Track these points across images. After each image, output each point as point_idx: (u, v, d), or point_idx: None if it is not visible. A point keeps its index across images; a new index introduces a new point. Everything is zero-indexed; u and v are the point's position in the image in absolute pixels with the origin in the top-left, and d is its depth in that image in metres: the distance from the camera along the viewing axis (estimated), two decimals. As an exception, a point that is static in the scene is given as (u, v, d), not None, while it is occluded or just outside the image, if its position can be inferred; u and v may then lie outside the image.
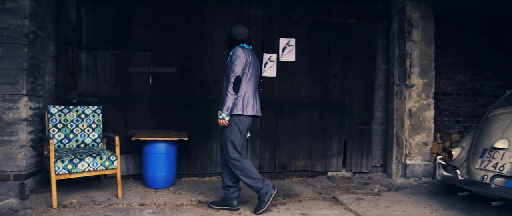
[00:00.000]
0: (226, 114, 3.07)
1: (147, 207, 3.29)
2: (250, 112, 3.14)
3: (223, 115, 3.07)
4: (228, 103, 3.05)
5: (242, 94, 3.11)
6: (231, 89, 3.04)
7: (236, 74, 3.04)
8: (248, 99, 3.13)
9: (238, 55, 3.09)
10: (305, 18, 4.67)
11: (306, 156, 4.70)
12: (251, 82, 3.18)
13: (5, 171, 3.39)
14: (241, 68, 3.06)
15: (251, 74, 3.17)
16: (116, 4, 4.19)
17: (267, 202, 3.13)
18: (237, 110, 3.09)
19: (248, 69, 3.13)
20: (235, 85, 3.04)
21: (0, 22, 3.39)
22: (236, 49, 3.15)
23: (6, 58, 3.39)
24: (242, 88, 3.11)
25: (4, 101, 3.40)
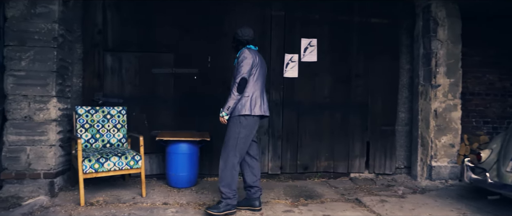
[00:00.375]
0: (226, 113, 3.09)
1: (171, 206, 3.34)
2: (258, 112, 3.13)
3: (223, 113, 3.09)
4: (230, 103, 3.06)
5: (249, 95, 3.11)
6: (235, 89, 3.04)
7: (242, 75, 3.05)
8: (255, 99, 3.13)
9: (245, 56, 3.09)
10: (327, 18, 4.64)
11: (328, 157, 4.66)
12: (259, 82, 3.17)
13: (36, 169, 3.52)
14: (247, 69, 3.06)
15: (258, 75, 3.16)
16: (139, 7, 4.29)
17: (222, 212, 3.08)
18: (245, 110, 3.08)
19: (255, 70, 3.13)
20: (240, 86, 3.04)
21: (31, 27, 3.52)
22: (243, 51, 3.15)
23: (37, 61, 3.53)
24: (249, 88, 3.11)
25: (35, 102, 3.53)
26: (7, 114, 3.51)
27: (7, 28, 3.49)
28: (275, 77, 4.56)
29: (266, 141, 4.55)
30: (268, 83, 4.52)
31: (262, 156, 4.55)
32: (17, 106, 3.51)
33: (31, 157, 3.52)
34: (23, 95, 3.52)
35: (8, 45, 3.49)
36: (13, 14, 3.49)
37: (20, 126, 3.51)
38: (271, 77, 4.54)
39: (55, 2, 3.57)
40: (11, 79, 3.50)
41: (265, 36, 4.53)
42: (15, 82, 3.50)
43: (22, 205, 3.17)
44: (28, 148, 3.52)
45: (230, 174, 3.10)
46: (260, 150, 4.54)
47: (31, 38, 3.52)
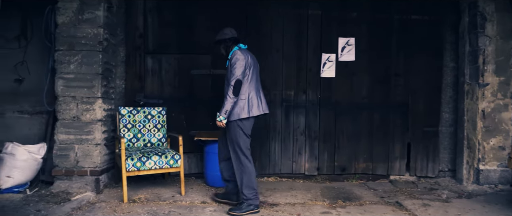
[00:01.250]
0: (224, 117, 3.08)
1: (209, 205, 3.40)
2: (256, 112, 3.15)
3: (221, 117, 3.08)
4: (227, 107, 3.05)
5: (246, 96, 3.12)
6: (231, 92, 3.03)
7: (237, 78, 3.04)
8: (252, 100, 3.14)
9: (237, 58, 3.08)
10: (365, 16, 4.53)
11: (366, 158, 4.55)
12: (253, 82, 3.17)
13: (83, 167, 3.72)
14: (241, 71, 3.05)
15: (252, 75, 3.16)
16: (178, 10, 4.41)
17: (244, 212, 3.10)
18: (244, 113, 3.10)
19: (249, 71, 3.13)
20: (235, 89, 3.04)
21: (79, 32, 3.72)
22: (235, 52, 3.14)
23: (84, 64, 3.72)
24: (245, 90, 3.11)
25: (82, 103, 3.73)
26: (57, 114, 3.73)
27: (57, 33, 3.72)
28: (312, 77, 4.51)
29: (303, 142, 4.52)
30: (304, 83, 4.50)
31: (299, 157, 4.52)
32: (66, 107, 3.73)
33: (79, 155, 3.72)
34: (72, 96, 3.73)
35: (58, 49, 3.71)
36: (63, 21, 3.70)
37: (69, 125, 3.73)
38: (307, 77, 4.51)
39: (100, 8, 3.75)
40: (61, 82, 3.72)
41: (302, 36, 4.50)
42: (64, 85, 3.71)
43: (71, 200, 3.36)
44: (76, 147, 3.73)
45: (248, 177, 3.14)
46: (297, 150, 4.52)
47: (79, 43, 3.72)
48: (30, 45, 4.21)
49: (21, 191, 3.62)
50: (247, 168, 3.15)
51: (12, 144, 3.68)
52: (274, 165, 4.50)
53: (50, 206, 3.20)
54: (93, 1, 3.72)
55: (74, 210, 3.14)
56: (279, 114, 4.51)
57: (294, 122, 4.52)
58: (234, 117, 3.10)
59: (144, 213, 3.13)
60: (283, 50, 4.50)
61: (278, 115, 4.50)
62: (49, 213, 3.02)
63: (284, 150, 4.51)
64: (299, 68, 4.51)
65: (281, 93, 4.49)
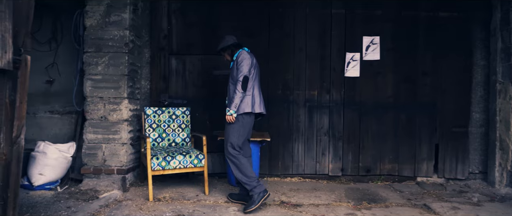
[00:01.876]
0: (234, 111, 3.25)
1: (232, 205, 3.41)
2: (257, 109, 3.34)
3: (231, 111, 3.25)
4: (236, 101, 3.23)
5: (251, 93, 3.31)
6: (240, 87, 3.22)
7: (244, 74, 3.22)
8: (255, 97, 3.34)
9: (244, 57, 3.28)
10: (390, 14, 4.43)
11: (392, 159, 4.45)
12: (256, 82, 3.38)
13: (110, 165, 3.82)
14: (248, 68, 3.25)
15: (255, 75, 3.36)
16: (201, 11, 4.46)
17: (258, 203, 3.15)
18: (248, 108, 3.28)
19: (253, 70, 3.33)
20: (244, 84, 3.22)
21: (106, 34, 3.82)
22: (240, 52, 3.35)
23: (111, 65, 3.82)
24: (250, 87, 3.30)
25: (109, 104, 3.83)
26: (86, 114, 3.85)
27: (86, 36, 3.83)
28: (336, 76, 4.46)
29: (327, 142, 4.47)
30: (328, 83, 4.45)
31: (322, 157, 4.47)
32: (94, 107, 3.83)
33: (106, 154, 3.82)
34: (99, 97, 3.83)
35: (86, 51, 3.83)
36: (91, 24, 3.81)
37: (97, 125, 3.83)
38: (331, 76, 4.45)
39: (126, 11, 3.83)
40: (89, 83, 3.83)
41: (325, 35, 4.46)
42: (92, 85, 3.82)
43: (99, 198, 3.45)
44: (103, 146, 3.83)
45: (245, 168, 3.26)
46: (321, 151, 4.47)
47: (106, 45, 3.82)
48: (60, 48, 4.35)
49: (52, 188, 3.75)
50: (241, 159, 3.29)
51: (44, 143, 3.82)
52: (297, 165, 4.47)
53: (80, 203, 3.30)
54: (119, 4, 3.82)
55: (102, 207, 3.22)
56: (302, 114, 4.47)
57: (317, 122, 4.47)
58: (238, 111, 3.28)
59: (169, 211, 3.17)
60: (306, 50, 4.46)
61: (302, 115, 4.47)
62: (78, 210, 3.11)
63: (307, 151, 4.48)
64: (322, 67, 4.46)
65: (304, 93, 4.46)
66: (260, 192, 3.19)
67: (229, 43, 3.43)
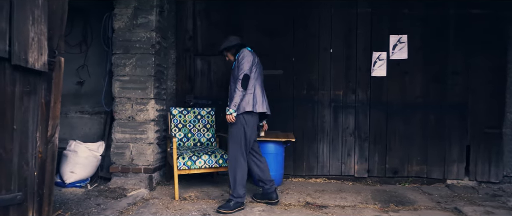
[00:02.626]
0: (234, 110, 3.16)
1: (257, 205, 3.41)
2: (260, 109, 3.22)
3: (231, 111, 3.17)
4: (236, 99, 3.14)
5: (252, 91, 3.21)
6: (239, 85, 3.13)
7: (245, 72, 3.15)
8: (257, 96, 3.23)
9: (245, 55, 3.22)
10: (418, 12, 4.31)
11: (420, 161, 4.33)
12: (259, 81, 3.29)
13: (137, 164, 3.90)
14: (248, 66, 3.17)
15: (258, 74, 3.28)
16: (226, 12, 4.49)
17: (233, 211, 3.15)
18: (248, 106, 3.18)
19: (255, 68, 3.25)
20: (244, 82, 3.13)
21: (133, 36, 3.92)
22: (242, 51, 3.28)
23: (138, 66, 3.90)
24: (251, 85, 3.21)
25: (136, 104, 3.91)
26: (114, 114, 3.95)
27: (114, 38, 3.93)
28: (362, 76, 4.38)
29: (352, 143, 4.40)
30: (354, 83, 4.39)
31: (348, 158, 4.41)
32: (122, 108, 3.93)
33: (133, 153, 3.91)
34: (127, 97, 3.92)
35: (115, 53, 3.93)
36: (119, 26, 3.91)
37: (125, 125, 3.92)
38: (357, 76, 4.38)
39: (153, 13, 3.91)
40: (118, 84, 3.93)
41: (351, 35, 4.39)
42: (120, 86, 3.92)
43: (127, 196, 3.53)
44: (131, 145, 3.92)
45: (241, 175, 3.21)
46: (346, 151, 4.41)
47: (133, 46, 3.91)
48: (90, 50, 4.49)
49: (82, 186, 3.87)
50: (243, 165, 3.23)
51: (75, 142, 3.95)
52: (322, 166, 4.43)
53: (109, 201, 3.39)
54: (146, 6, 3.90)
55: (130, 205, 3.30)
56: (327, 115, 4.42)
57: (343, 122, 4.41)
58: (239, 111, 3.19)
59: (195, 210, 3.21)
60: (332, 50, 4.41)
61: (327, 116, 4.42)
62: (107, 207, 3.19)
63: (332, 151, 4.42)
64: (348, 67, 4.40)
65: (329, 93, 4.41)
66: (239, 202, 3.21)
67: (233, 43, 3.37)
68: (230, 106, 3.19)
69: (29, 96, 1.91)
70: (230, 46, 3.37)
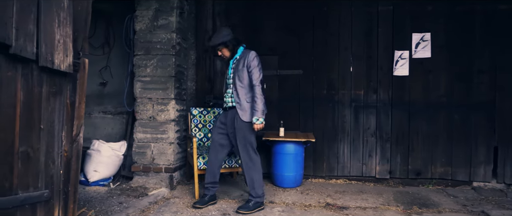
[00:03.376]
0: (263, 119, 3.09)
1: (277, 205, 3.40)
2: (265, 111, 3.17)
3: (261, 119, 3.07)
4: (262, 107, 3.07)
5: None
6: (262, 91, 3.07)
7: (261, 78, 3.09)
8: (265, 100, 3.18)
9: (259, 60, 3.12)
10: (442, 9, 4.20)
11: (444, 162, 4.21)
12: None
13: (158, 164, 3.95)
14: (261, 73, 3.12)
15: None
16: (245, 12, 4.49)
17: (253, 211, 3.14)
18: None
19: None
20: (263, 88, 3.09)
21: (154, 37, 3.97)
22: (252, 53, 3.12)
23: (159, 67, 3.96)
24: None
25: (157, 104, 3.97)
26: (136, 114, 4.02)
27: (136, 40, 4.00)
28: (383, 75, 4.30)
29: (373, 144, 4.32)
30: (375, 82, 4.32)
31: (369, 159, 4.33)
32: (143, 108, 3.99)
33: (154, 153, 3.96)
34: (148, 98, 3.98)
35: (136, 54, 3.99)
36: (140, 27, 3.98)
37: (146, 125, 3.98)
38: (378, 75, 4.31)
39: (173, 14, 3.95)
40: (139, 84, 3.99)
41: (371, 33, 4.32)
42: (142, 87, 3.98)
43: (148, 195, 3.59)
44: (152, 145, 3.97)
45: (259, 174, 3.21)
46: (367, 152, 4.34)
47: (154, 48, 3.96)
48: (112, 51, 4.59)
49: (105, 184, 3.96)
50: (259, 165, 3.22)
51: (98, 142, 4.04)
52: (342, 167, 4.37)
53: (130, 199, 3.45)
54: (167, 8, 3.94)
55: (151, 204, 3.34)
56: (348, 115, 4.36)
57: (364, 122, 4.34)
58: (249, 118, 3.12)
59: (215, 210, 3.22)
60: (352, 49, 4.35)
61: (347, 116, 4.36)
62: (129, 205, 3.25)
63: (353, 152, 4.36)
64: (369, 66, 4.33)
65: (350, 93, 4.35)
66: (258, 202, 3.21)
67: (229, 37, 3.13)
68: (259, 115, 3.05)
69: (55, 97, 1.96)
70: (227, 41, 3.14)
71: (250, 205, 3.17)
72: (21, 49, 1.69)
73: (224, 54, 3.22)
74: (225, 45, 3.16)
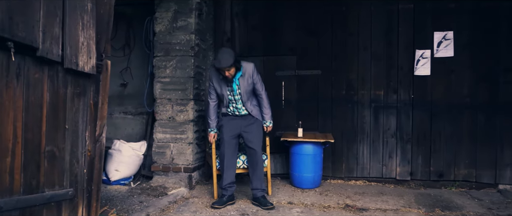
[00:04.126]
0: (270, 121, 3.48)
1: (295, 206, 3.39)
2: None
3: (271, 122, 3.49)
4: (270, 112, 3.47)
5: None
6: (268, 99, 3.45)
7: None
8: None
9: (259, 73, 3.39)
10: (465, 6, 4.09)
11: (468, 164, 4.09)
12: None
13: (177, 164, 4.00)
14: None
15: None
16: (263, 13, 4.50)
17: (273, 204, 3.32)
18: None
19: None
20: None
21: (173, 39, 4.02)
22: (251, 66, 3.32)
23: (178, 68, 4.00)
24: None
25: (177, 105, 4.02)
26: (156, 115, 4.08)
27: (155, 41, 4.06)
28: (403, 75, 4.22)
29: (394, 144, 4.25)
30: (395, 82, 4.25)
31: (389, 160, 4.26)
32: (163, 108, 4.05)
33: (174, 153, 4.01)
34: (168, 98, 4.04)
35: (156, 56, 4.05)
36: (160, 29, 4.04)
37: (165, 125, 4.04)
38: (398, 75, 4.24)
39: (192, 16, 3.99)
40: (159, 85, 4.05)
41: (392, 32, 4.25)
42: (161, 88, 4.04)
43: (167, 194, 3.63)
44: (171, 145, 4.02)
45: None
46: (387, 153, 4.27)
47: (173, 49, 4.01)
48: (133, 53, 4.67)
49: (126, 183, 4.03)
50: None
51: (119, 142, 4.12)
52: (362, 168, 4.32)
53: (150, 198, 3.50)
54: (186, 10, 3.99)
55: (171, 203, 3.38)
56: (367, 115, 4.31)
57: (384, 123, 4.28)
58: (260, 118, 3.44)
59: (234, 210, 3.24)
60: (371, 48, 4.29)
61: (367, 116, 4.31)
62: (150, 204, 3.30)
63: (373, 153, 4.30)
64: (389, 66, 4.26)
65: (369, 93, 4.29)
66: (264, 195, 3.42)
67: (235, 57, 3.19)
68: (267, 119, 3.46)
69: (79, 98, 2.01)
70: (235, 61, 3.19)
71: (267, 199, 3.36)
72: (48, 52, 1.74)
73: (231, 73, 3.23)
74: (234, 65, 3.21)
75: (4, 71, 1.57)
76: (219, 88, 3.35)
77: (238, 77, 3.29)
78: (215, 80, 3.35)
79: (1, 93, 1.56)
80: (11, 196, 1.63)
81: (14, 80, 1.62)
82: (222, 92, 3.35)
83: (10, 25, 1.55)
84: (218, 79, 3.33)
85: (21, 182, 1.68)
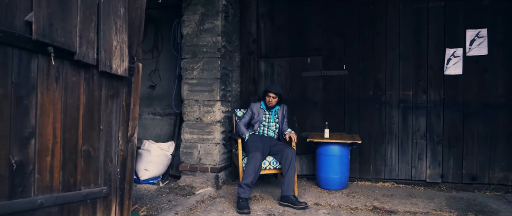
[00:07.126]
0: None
1: (322, 207, 3.37)
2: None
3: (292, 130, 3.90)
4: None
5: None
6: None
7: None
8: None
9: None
10: (500, 3, 3.93)
11: (504, 167, 3.93)
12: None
13: (204, 164, 4.06)
14: None
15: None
16: (289, 14, 4.50)
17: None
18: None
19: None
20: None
21: (200, 41, 4.09)
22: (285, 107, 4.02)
23: (205, 70, 4.07)
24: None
25: (204, 106, 4.09)
26: (183, 116, 4.16)
27: (183, 44, 4.15)
28: (433, 75, 4.11)
29: (423, 146, 4.14)
30: (424, 82, 4.15)
31: (419, 162, 4.16)
32: (190, 109, 4.13)
33: (201, 153, 4.08)
34: (195, 99, 4.11)
35: (184, 58, 4.14)
36: (187, 32, 4.12)
37: (193, 126, 4.11)
38: (428, 75, 4.13)
39: (218, 18, 4.05)
40: (186, 87, 4.13)
41: (421, 31, 4.14)
42: (189, 89, 4.12)
43: (195, 194, 3.70)
44: (198, 145, 4.09)
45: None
46: (417, 155, 4.16)
47: (200, 51, 4.09)
48: (161, 55, 4.79)
49: (155, 183, 4.14)
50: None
51: (148, 142, 4.23)
52: (390, 170, 4.23)
53: (178, 197, 3.58)
54: (212, 12, 4.05)
55: (198, 203, 3.44)
56: (395, 116, 4.22)
57: (413, 124, 4.18)
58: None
59: (260, 210, 3.26)
60: (400, 48, 4.20)
61: (395, 117, 4.22)
62: (178, 203, 3.37)
63: (401, 155, 4.21)
64: (418, 66, 4.16)
65: (397, 93, 4.21)
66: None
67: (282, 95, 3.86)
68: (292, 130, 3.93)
69: (112, 99, 2.09)
70: (282, 94, 3.88)
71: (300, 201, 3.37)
72: (84, 56, 1.83)
73: (272, 102, 3.80)
74: (280, 96, 3.82)
75: (44, 75, 1.66)
76: (256, 114, 3.88)
77: (276, 109, 3.92)
78: (255, 108, 3.90)
79: (42, 95, 1.65)
80: (51, 193, 1.72)
81: (54, 83, 1.71)
82: (259, 117, 3.87)
83: (50, 31, 1.64)
84: (257, 108, 3.90)
85: (60, 180, 1.77)
